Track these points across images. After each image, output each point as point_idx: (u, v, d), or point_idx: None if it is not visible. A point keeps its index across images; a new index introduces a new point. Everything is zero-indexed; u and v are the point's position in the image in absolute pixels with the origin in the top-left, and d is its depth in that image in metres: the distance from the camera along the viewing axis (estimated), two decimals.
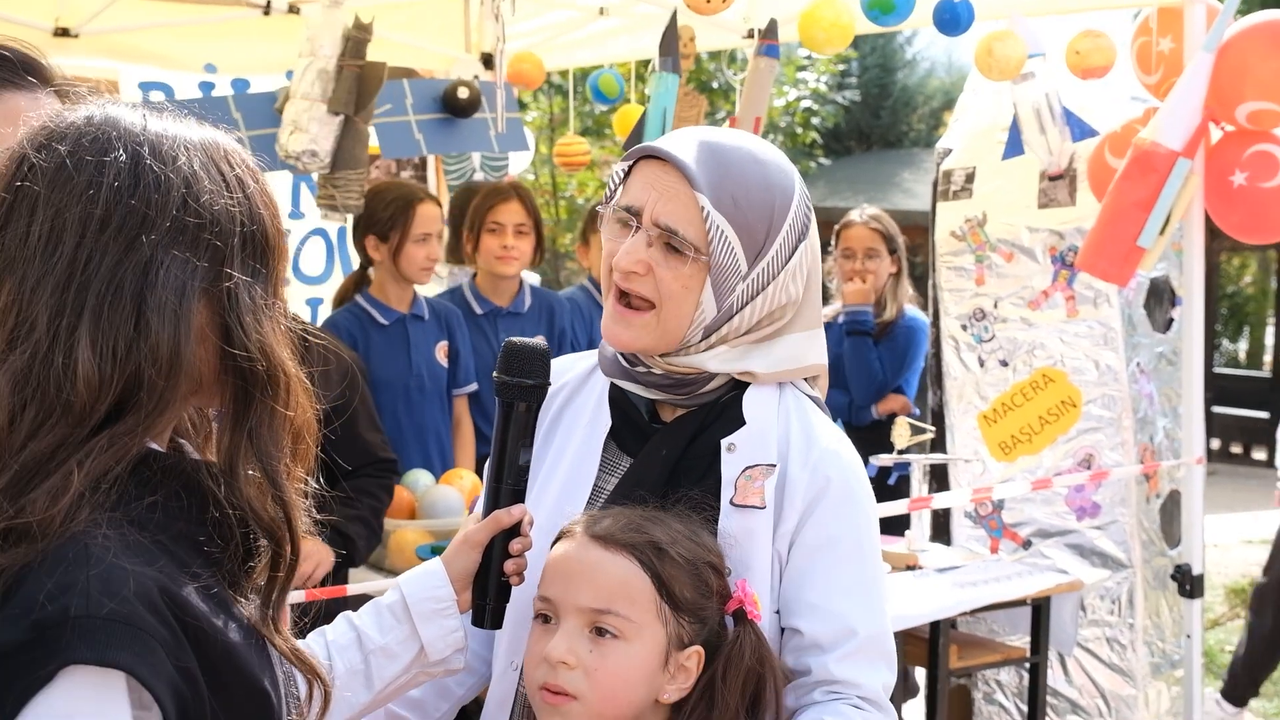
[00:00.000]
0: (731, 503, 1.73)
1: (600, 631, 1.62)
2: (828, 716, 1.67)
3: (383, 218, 4.20)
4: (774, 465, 1.74)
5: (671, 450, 1.79)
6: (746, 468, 1.74)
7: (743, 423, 1.77)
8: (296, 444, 1.29)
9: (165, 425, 1.23)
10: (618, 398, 1.86)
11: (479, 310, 4.57)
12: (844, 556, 1.73)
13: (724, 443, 1.76)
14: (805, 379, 1.86)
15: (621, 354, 1.83)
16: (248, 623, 1.25)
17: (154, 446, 1.23)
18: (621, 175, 1.79)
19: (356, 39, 3.78)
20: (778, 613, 1.74)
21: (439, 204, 4.47)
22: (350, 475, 3.40)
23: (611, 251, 1.77)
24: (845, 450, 1.80)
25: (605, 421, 1.85)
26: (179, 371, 1.19)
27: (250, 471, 1.25)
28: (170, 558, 1.17)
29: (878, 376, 5.21)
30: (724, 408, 1.79)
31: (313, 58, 3.72)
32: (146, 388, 1.18)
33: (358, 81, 3.78)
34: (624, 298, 1.77)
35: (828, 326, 5.18)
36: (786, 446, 1.76)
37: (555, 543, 1.71)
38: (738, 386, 1.81)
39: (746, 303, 1.75)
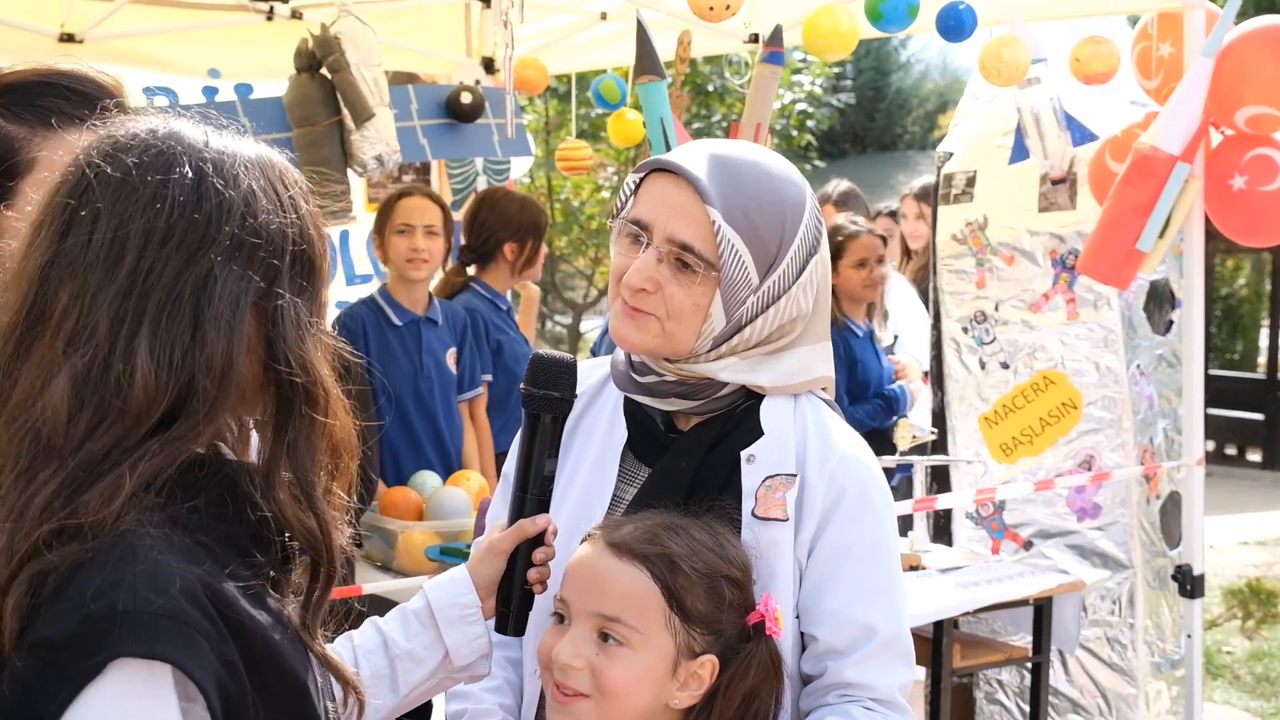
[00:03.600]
0: (754, 514, 1.74)
1: (605, 637, 1.65)
2: (831, 718, 1.69)
3: (379, 219, 4.35)
4: (794, 475, 1.75)
5: (690, 462, 1.79)
6: (766, 478, 1.75)
7: (761, 433, 1.78)
8: (336, 460, 1.32)
9: (212, 432, 1.27)
10: (633, 408, 1.87)
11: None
12: (860, 561, 1.75)
13: (744, 454, 1.77)
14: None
15: (632, 367, 1.84)
16: (286, 620, 1.28)
17: (197, 450, 1.26)
18: (633, 187, 1.80)
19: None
20: (798, 618, 1.76)
21: (434, 200, 4.42)
22: None
23: (622, 268, 1.76)
24: (862, 453, 1.81)
25: (621, 433, 1.86)
26: (230, 381, 1.23)
27: (287, 482, 1.28)
28: (213, 559, 1.21)
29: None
30: (741, 417, 1.80)
31: (386, 69, 3.83)
32: (200, 395, 1.22)
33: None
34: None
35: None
36: (804, 453, 1.77)
37: (580, 544, 1.73)
38: (753, 395, 1.82)
39: (757, 315, 1.76)
